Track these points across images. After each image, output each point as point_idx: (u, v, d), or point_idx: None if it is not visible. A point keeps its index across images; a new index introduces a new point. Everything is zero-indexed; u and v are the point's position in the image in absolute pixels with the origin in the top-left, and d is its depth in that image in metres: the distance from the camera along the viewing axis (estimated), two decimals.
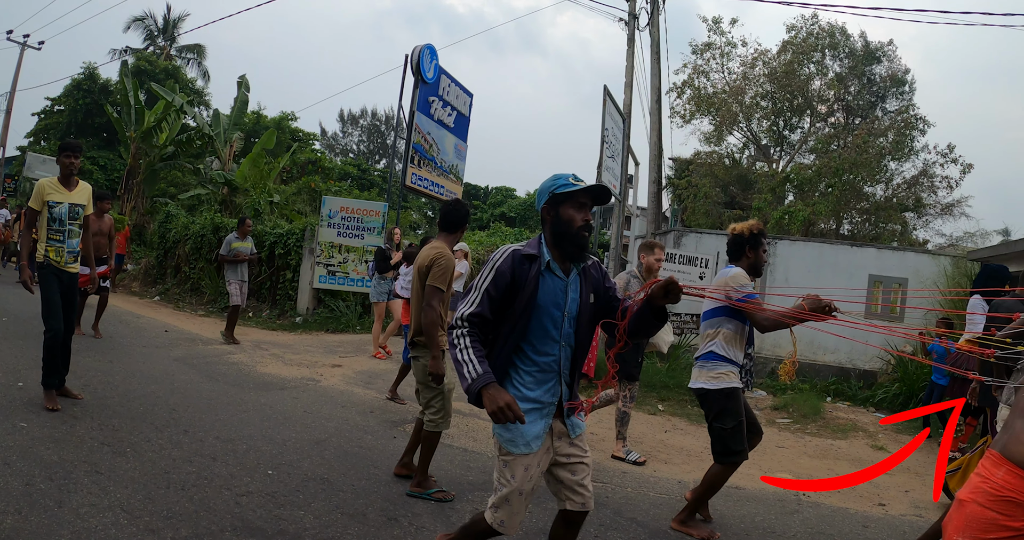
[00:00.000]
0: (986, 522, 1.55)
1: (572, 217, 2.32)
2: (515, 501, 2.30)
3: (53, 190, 4.54)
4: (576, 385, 2.44)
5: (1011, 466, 1.55)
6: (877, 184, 23.65)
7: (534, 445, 2.30)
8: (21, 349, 6.10)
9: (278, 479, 3.60)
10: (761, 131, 27.22)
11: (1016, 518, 1.51)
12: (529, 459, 2.29)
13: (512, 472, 2.28)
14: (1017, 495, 1.51)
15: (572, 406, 2.40)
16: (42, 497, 2.93)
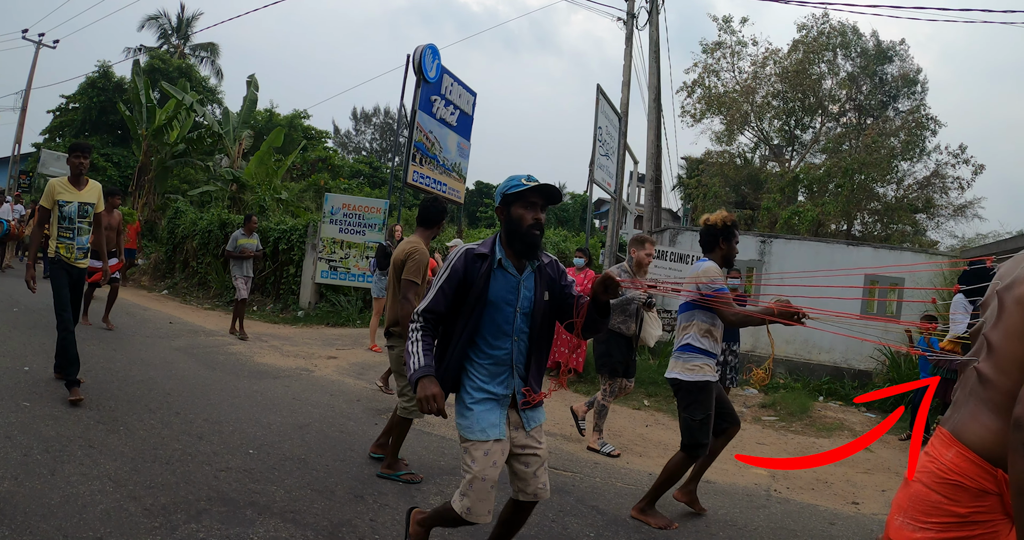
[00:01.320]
0: (929, 505, 1.46)
1: (522, 216, 2.42)
2: (478, 487, 2.34)
3: (63, 190, 4.75)
4: (534, 378, 2.51)
5: (961, 447, 1.44)
6: (888, 185, 23.62)
7: (490, 432, 2.38)
8: (29, 337, 6.45)
9: (257, 458, 3.87)
10: (773, 131, 27.25)
11: (962, 503, 1.40)
12: (488, 445, 2.36)
13: (472, 457, 2.36)
14: (965, 479, 1.41)
15: (528, 399, 2.48)
16: (38, 466, 3.24)
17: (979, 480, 1.39)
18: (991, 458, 1.38)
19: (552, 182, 2.50)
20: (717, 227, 3.74)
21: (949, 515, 1.42)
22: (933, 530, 1.43)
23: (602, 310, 2.45)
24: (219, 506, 3.08)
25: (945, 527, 1.42)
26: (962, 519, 1.40)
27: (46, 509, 2.78)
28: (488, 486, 2.34)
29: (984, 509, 1.38)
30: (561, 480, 4.24)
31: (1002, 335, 1.42)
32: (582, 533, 3.37)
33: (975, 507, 1.39)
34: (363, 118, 48.44)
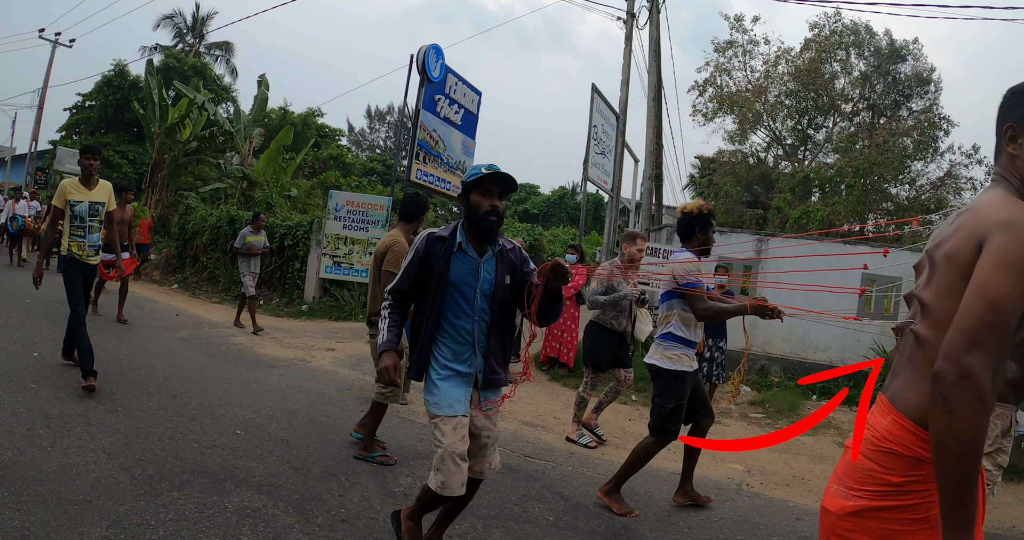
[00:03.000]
0: (863, 473, 1.43)
1: (479, 203, 2.55)
2: (449, 461, 2.44)
3: (74, 190, 4.97)
4: (495, 358, 2.63)
5: (896, 415, 1.42)
6: (901, 185, 23.53)
7: (457, 407, 2.52)
8: (40, 326, 6.81)
9: (243, 438, 4.16)
10: (785, 130, 27.22)
11: (896, 472, 1.37)
12: (456, 420, 2.49)
13: (442, 432, 2.47)
14: (899, 447, 1.38)
15: (489, 379, 2.62)
16: (39, 439, 3.55)
17: (914, 448, 1.36)
18: (927, 425, 1.31)
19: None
20: (693, 215, 3.78)
21: (883, 484, 1.39)
22: (866, 498, 1.40)
23: (553, 297, 2.55)
24: (201, 478, 3.36)
25: (878, 495, 1.39)
26: (896, 488, 1.37)
27: (43, 475, 3.09)
28: (459, 459, 2.46)
29: (919, 478, 1.34)
30: (532, 467, 4.42)
31: (934, 293, 1.42)
32: (542, 517, 3.52)
33: (910, 476, 1.36)
34: (377, 116, 48.83)
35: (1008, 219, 1.32)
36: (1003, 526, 4.26)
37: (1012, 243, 1.29)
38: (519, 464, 4.45)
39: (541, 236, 18.72)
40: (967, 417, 1.21)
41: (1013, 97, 1.48)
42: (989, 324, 1.24)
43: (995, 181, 1.50)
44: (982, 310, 1.26)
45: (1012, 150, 1.46)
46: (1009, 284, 1.26)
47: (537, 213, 32.89)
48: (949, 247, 1.41)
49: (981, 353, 1.23)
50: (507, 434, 5.19)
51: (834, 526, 1.45)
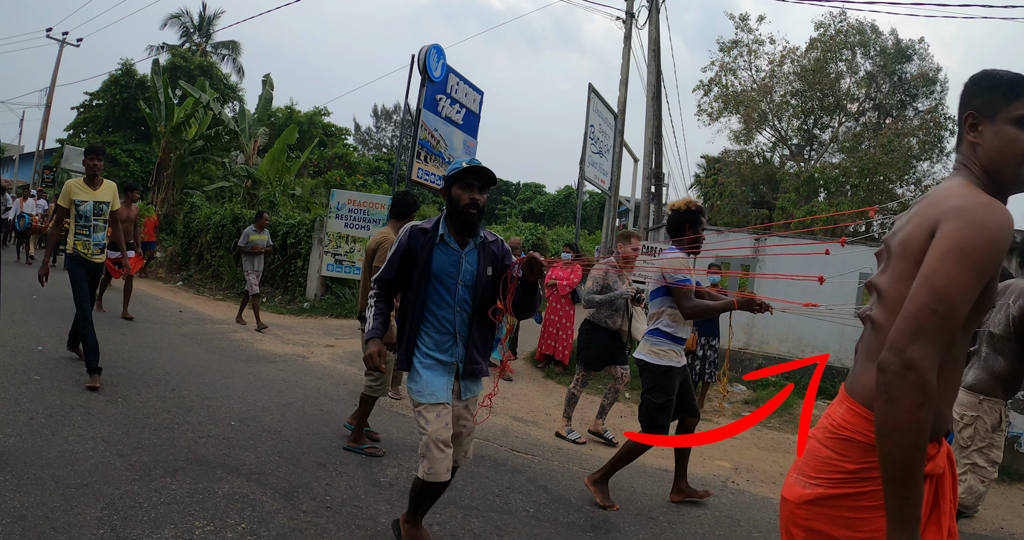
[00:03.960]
0: (820, 460, 1.43)
1: (460, 196, 2.63)
2: (433, 448, 2.52)
3: (79, 190, 5.08)
4: (477, 349, 2.71)
5: (852, 403, 1.42)
6: (906, 185, 23.52)
7: (439, 395, 2.59)
8: (45, 321, 7.00)
9: (237, 429, 4.31)
10: (791, 130, 27.21)
11: (852, 459, 1.37)
12: (439, 408, 2.57)
13: (426, 420, 2.56)
14: (855, 434, 1.38)
15: (470, 369, 2.69)
16: (41, 427, 3.71)
17: (868, 435, 1.35)
18: None
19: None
20: (681, 212, 3.83)
21: (839, 471, 1.38)
22: (823, 486, 1.40)
23: (529, 290, 2.63)
24: (194, 466, 3.51)
25: (834, 483, 1.39)
26: (852, 475, 1.36)
27: (43, 461, 3.25)
28: (443, 445, 2.53)
29: (875, 465, 1.31)
30: (518, 461, 4.51)
31: (889, 279, 1.43)
32: (523, 508, 3.60)
33: (865, 463, 1.34)
34: (384, 115, 49.02)
35: (961, 206, 1.31)
36: (992, 527, 4.26)
37: (962, 231, 1.27)
38: (505, 458, 4.56)
39: (544, 235, 18.84)
40: (909, 408, 1.20)
41: (973, 85, 1.47)
42: (934, 313, 1.23)
43: (956, 170, 1.48)
44: (927, 299, 1.24)
45: (972, 138, 1.45)
46: (957, 272, 1.24)
47: (543, 212, 32.97)
48: (904, 234, 1.42)
49: (926, 343, 1.22)
50: (497, 429, 5.31)
51: (792, 515, 1.45)
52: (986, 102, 1.42)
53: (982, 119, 1.43)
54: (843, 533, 1.36)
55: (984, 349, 3.40)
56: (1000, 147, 1.39)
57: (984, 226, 1.25)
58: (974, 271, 1.24)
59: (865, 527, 1.33)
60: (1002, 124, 1.40)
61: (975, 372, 3.40)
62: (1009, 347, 3.27)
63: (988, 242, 1.25)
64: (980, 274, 1.25)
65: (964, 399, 3.36)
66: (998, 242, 1.25)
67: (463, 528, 3.21)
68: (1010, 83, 1.41)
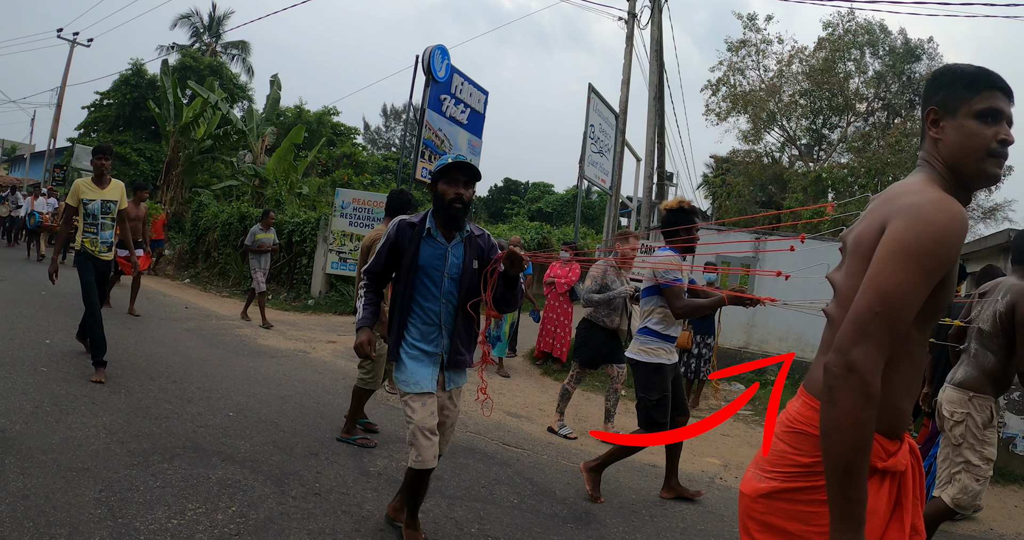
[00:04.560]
0: (775, 454, 1.44)
1: (445, 191, 2.70)
2: (420, 436, 2.62)
3: (87, 189, 5.17)
4: (462, 341, 2.78)
5: (807, 396, 1.43)
6: None
7: (424, 384, 2.67)
8: (53, 317, 7.19)
9: (235, 420, 4.46)
10: (800, 130, 27.14)
11: (805, 453, 1.37)
12: (424, 397, 2.66)
13: (412, 409, 2.64)
14: (808, 427, 1.37)
15: (454, 360, 2.77)
16: (46, 416, 3.88)
17: None
18: None
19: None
20: (673, 211, 3.88)
21: (793, 465, 1.38)
22: (778, 479, 1.40)
23: (510, 283, 2.70)
24: (191, 453, 3.66)
25: (789, 476, 1.39)
26: (806, 469, 1.36)
27: (47, 446, 3.41)
28: (428, 433, 2.62)
29: None
30: (508, 454, 4.60)
31: (843, 275, 1.43)
32: (507, 499, 3.68)
33: (819, 457, 1.32)
34: (393, 115, 49.22)
35: (912, 204, 1.29)
36: (982, 528, 4.25)
37: (909, 230, 1.25)
38: (495, 451, 4.66)
39: (550, 234, 18.92)
40: (849, 409, 1.20)
41: (935, 80, 1.45)
42: (878, 315, 1.22)
43: (919, 166, 1.46)
44: (871, 302, 1.23)
45: (934, 134, 1.42)
46: (901, 274, 1.23)
47: (551, 212, 33.05)
48: (857, 231, 1.41)
49: (869, 345, 1.21)
50: (490, 424, 5.41)
51: (748, 509, 1.45)
52: (947, 97, 1.40)
53: (944, 114, 1.40)
54: (797, 527, 1.36)
55: (974, 346, 3.40)
56: (962, 142, 1.37)
57: (932, 225, 1.23)
58: (921, 272, 1.22)
59: (819, 521, 1.32)
60: (963, 119, 1.37)
61: (965, 369, 3.38)
62: (998, 343, 3.26)
63: (936, 241, 1.23)
64: (928, 274, 1.23)
65: (954, 396, 3.34)
66: (947, 241, 1.23)
67: (446, 516, 3.32)
68: (971, 77, 1.39)
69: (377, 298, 2.85)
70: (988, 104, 1.36)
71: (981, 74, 1.39)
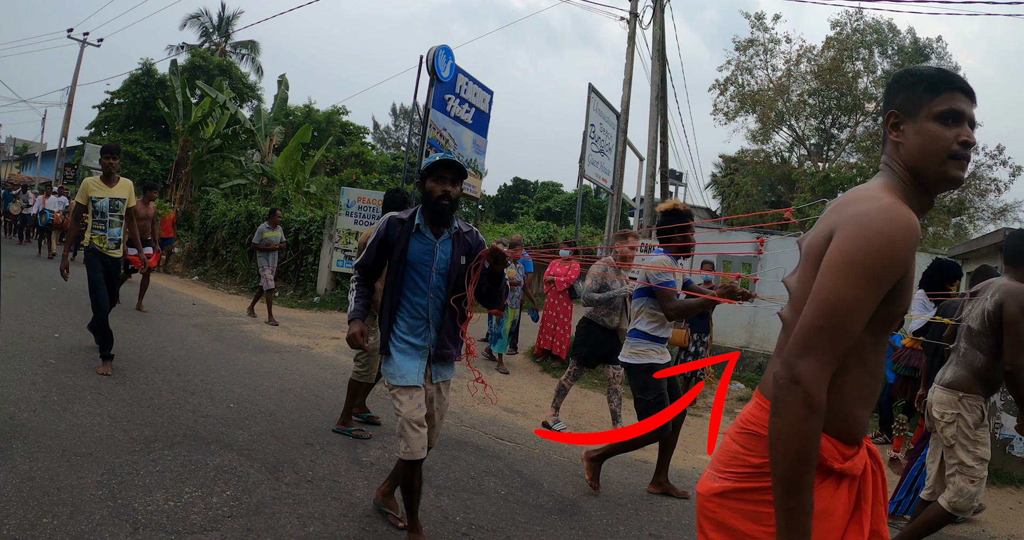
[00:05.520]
0: (729, 455, 1.46)
1: (432, 188, 2.77)
2: (408, 429, 2.69)
3: (96, 187, 5.27)
4: (451, 334, 2.85)
5: (759, 397, 1.45)
6: None
7: (410, 378, 2.73)
8: (63, 312, 7.40)
9: (236, 411, 4.60)
10: (808, 130, 27.07)
11: (756, 454, 1.38)
12: (411, 390, 2.72)
13: (400, 402, 2.71)
14: (759, 428, 1.39)
15: (441, 354, 2.84)
16: (53, 405, 4.05)
17: None
18: None
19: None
20: (667, 213, 3.92)
21: (745, 465, 1.40)
22: (731, 480, 1.43)
23: (494, 280, 2.77)
24: (190, 441, 3.81)
25: (741, 477, 1.41)
26: (757, 469, 1.38)
27: (53, 432, 3.58)
28: (416, 425, 2.69)
29: None
30: (500, 448, 4.69)
31: (796, 279, 1.43)
32: (494, 491, 3.77)
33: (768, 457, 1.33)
34: (402, 114, 49.42)
35: (860, 213, 1.27)
36: (974, 530, 4.26)
37: (854, 241, 1.24)
38: (488, 444, 4.77)
39: (556, 233, 19.02)
40: (792, 421, 1.22)
41: (895, 83, 1.43)
42: (821, 330, 1.23)
43: (880, 171, 1.44)
44: (814, 316, 1.24)
45: (895, 137, 1.41)
46: (845, 287, 1.23)
47: (560, 211, 33.13)
48: (811, 236, 1.40)
49: (812, 358, 1.23)
50: (485, 419, 5.52)
51: (703, 508, 1.47)
52: (907, 100, 1.38)
53: (904, 117, 1.39)
54: (748, 527, 1.37)
55: (963, 345, 3.37)
56: (922, 145, 1.35)
57: (877, 236, 1.23)
58: (867, 283, 1.22)
59: (769, 521, 1.32)
60: (923, 121, 1.35)
61: (953, 369, 3.37)
62: (987, 343, 3.25)
63: (881, 252, 1.22)
64: (874, 285, 1.23)
65: (943, 397, 3.31)
66: (893, 252, 1.22)
67: (432, 505, 3.42)
68: (930, 79, 1.37)
69: (369, 291, 2.93)
70: (948, 105, 1.34)
71: (941, 75, 1.37)
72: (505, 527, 3.30)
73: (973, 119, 1.37)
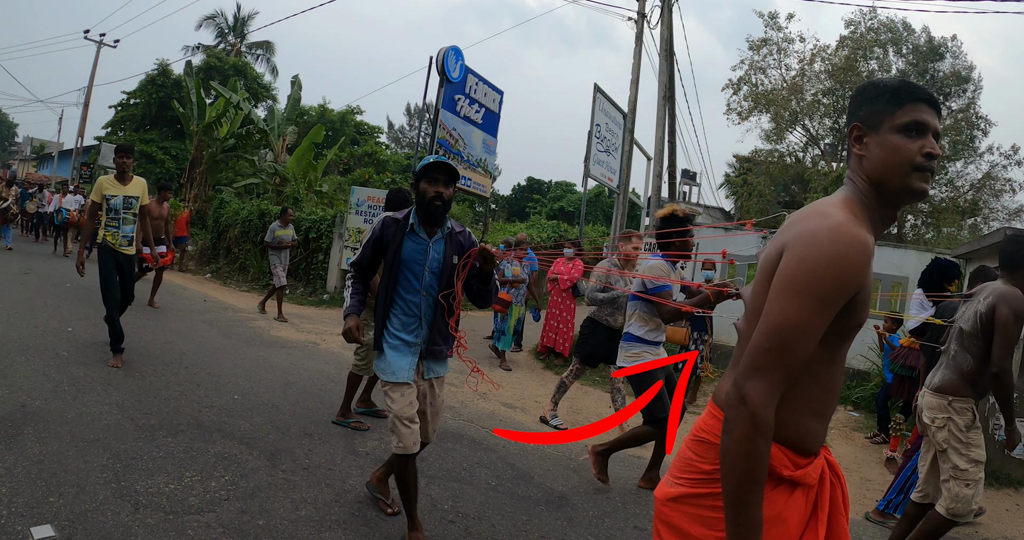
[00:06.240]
0: (683, 461, 1.49)
1: (426, 190, 2.84)
2: (399, 425, 2.76)
3: (110, 185, 5.42)
4: (442, 332, 2.93)
5: (713, 407, 1.48)
6: (938, 186, 23.13)
7: (400, 374, 2.80)
8: (77, 307, 7.64)
9: (239, 402, 4.76)
10: (823, 129, 26.86)
11: (707, 460, 1.41)
12: (403, 387, 2.80)
13: (391, 399, 2.79)
14: (710, 436, 1.43)
15: (432, 350, 2.92)
16: (64, 394, 4.23)
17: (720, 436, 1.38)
18: None
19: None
20: (666, 219, 3.98)
21: (697, 472, 1.43)
22: (684, 485, 1.45)
23: (483, 279, 2.88)
24: (194, 430, 3.97)
25: (694, 483, 1.44)
26: (708, 476, 1.40)
27: (63, 419, 3.75)
28: (407, 421, 2.77)
29: None
30: (495, 441, 4.77)
31: (752, 291, 1.44)
32: (485, 481, 3.88)
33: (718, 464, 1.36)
34: (416, 113, 49.69)
35: (809, 232, 1.28)
36: (966, 531, 4.29)
37: (802, 263, 1.26)
38: (483, 438, 4.86)
39: (567, 233, 19.10)
40: (738, 439, 1.24)
41: (858, 96, 1.43)
42: (768, 352, 1.25)
43: (844, 184, 1.44)
44: (762, 338, 1.26)
45: (858, 150, 1.40)
46: (792, 309, 1.24)
47: (572, 210, 33.16)
48: (766, 251, 1.40)
49: (760, 380, 1.25)
50: (483, 413, 5.64)
51: (659, 512, 1.51)
52: (870, 112, 1.37)
53: (867, 130, 1.38)
54: (700, 531, 1.40)
55: (953, 347, 3.36)
56: (885, 157, 1.34)
57: (825, 258, 1.23)
58: (814, 305, 1.23)
59: (720, 526, 1.34)
60: (886, 134, 1.35)
61: (943, 373, 3.34)
62: (977, 345, 3.24)
63: (829, 274, 1.23)
64: (822, 307, 1.24)
65: (933, 402, 3.30)
66: (842, 271, 1.23)
67: (422, 494, 3.50)
68: (893, 91, 1.36)
69: (364, 288, 3.03)
70: (911, 117, 1.33)
71: (904, 87, 1.36)
72: (491, 515, 3.41)
73: (938, 130, 1.36)
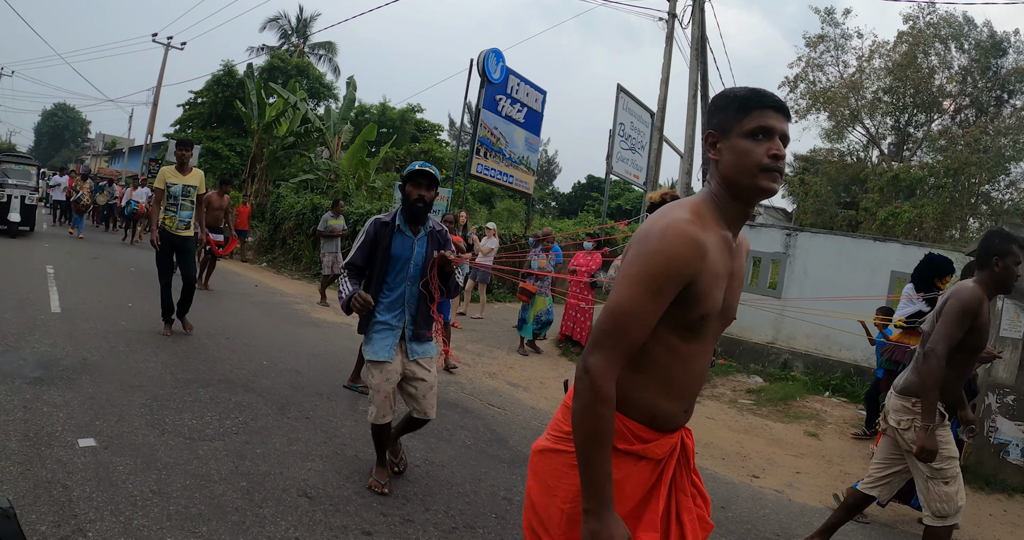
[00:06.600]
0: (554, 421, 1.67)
1: (410, 192, 3.21)
2: (377, 398, 3.13)
3: (171, 174, 6.07)
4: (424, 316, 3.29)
5: None
6: (1000, 188, 22.25)
7: (381, 354, 3.15)
8: (137, 286, 8.69)
9: (266, 367, 5.49)
10: (885, 128, 26.10)
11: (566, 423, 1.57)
12: (383, 365, 3.14)
13: (372, 374, 3.16)
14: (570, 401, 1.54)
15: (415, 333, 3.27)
16: (118, 352, 5.08)
17: None
18: None
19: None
20: (656, 205, 4.04)
21: (559, 431, 1.61)
22: (549, 441, 1.64)
23: (443, 277, 3.30)
24: (222, 384, 4.72)
25: (556, 439, 1.62)
26: (565, 435, 1.57)
27: (114, 371, 4.57)
28: (384, 396, 3.13)
29: None
30: (486, 412, 5.21)
31: None
32: (462, 441, 4.28)
33: None
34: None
35: (646, 229, 1.44)
36: (960, 535, 4.29)
37: (636, 257, 1.41)
38: (477, 408, 5.31)
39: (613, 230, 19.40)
40: (582, 406, 1.40)
41: (711, 105, 1.55)
42: (604, 332, 1.41)
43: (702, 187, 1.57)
44: (602, 319, 1.43)
45: (713, 155, 1.51)
46: (626, 297, 1.39)
47: (630, 209, 33.08)
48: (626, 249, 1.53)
49: (599, 355, 1.40)
50: (487, 389, 6.12)
51: (530, 460, 1.70)
52: (722, 120, 1.49)
53: (720, 137, 1.49)
54: (552, 481, 1.59)
55: (919, 349, 3.32)
56: (734, 161, 1.46)
57: (655, 253, 1.39)
58: (645, 294, 1.39)
59: (566, 480, 1.54)
60: (736, 139, 1.46)
61: (907, 375, 3.33)
62: None
63: (658, 267, 1.38)
64: (654, 295, 1.39)
65: (897, 404, 3.28)
66: (670, 264, 1.38)
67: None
68: (742, 99, 1.48)
69: (358, 283, 3.28)
70: (757, 123, 1.45)
71: (752, 96, 1.48)
72: (454, 465, 3.90)
73: (785, 133, 1.48)
